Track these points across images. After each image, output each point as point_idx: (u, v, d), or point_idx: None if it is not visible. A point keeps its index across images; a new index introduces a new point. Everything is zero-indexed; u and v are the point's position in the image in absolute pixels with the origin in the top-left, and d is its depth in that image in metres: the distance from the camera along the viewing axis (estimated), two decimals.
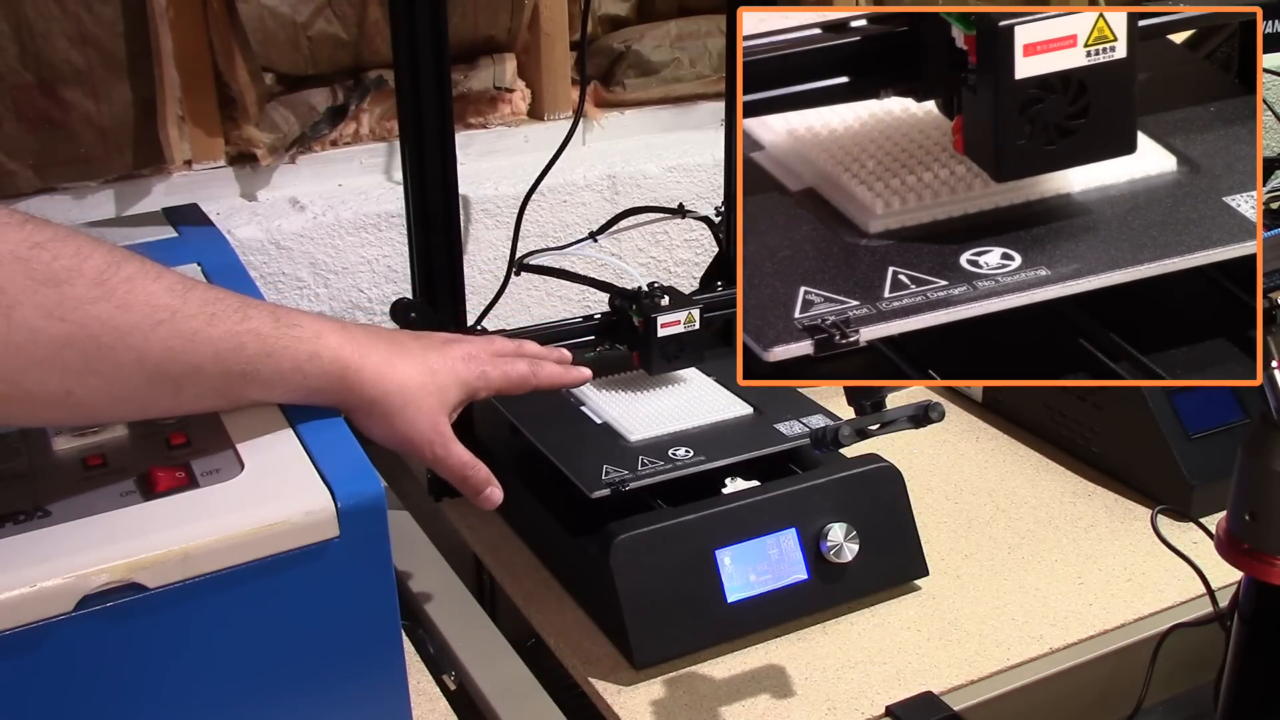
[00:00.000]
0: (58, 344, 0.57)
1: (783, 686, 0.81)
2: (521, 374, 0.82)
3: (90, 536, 0.58)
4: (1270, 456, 0.57)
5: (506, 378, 0.81)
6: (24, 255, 0.56)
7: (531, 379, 0.83)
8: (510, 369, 0.81)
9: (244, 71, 1.12)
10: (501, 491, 0.80)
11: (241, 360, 0.64)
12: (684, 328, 0.96)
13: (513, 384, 0.81)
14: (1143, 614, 0.89)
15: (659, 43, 1.36)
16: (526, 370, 0.82)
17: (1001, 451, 1.12)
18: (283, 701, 0.64)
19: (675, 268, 1.37)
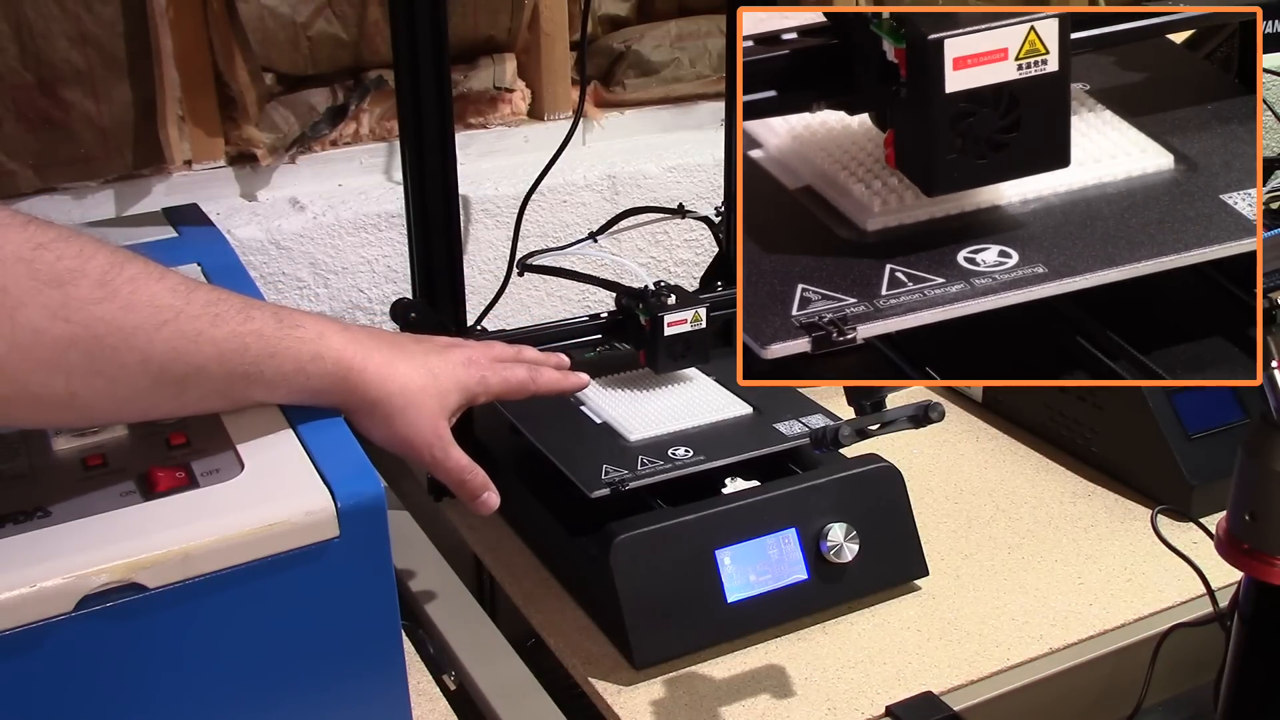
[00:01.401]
0: (62, 345, 0.57)
1: (783, 686, 0.81)
2: (520, 380, 0.82)
3: (90, 536, 0.58)
4: (1270, 456, 0.57)
5: (505, 383, 0.81)
6: (27, 256, 0.56)
7: (530, 385, 0.83)
8: (509, 375, 0.82)
9: (244, 71, 1.12)
10: (498, 497, 0.80)
11: (245, 361, 0.64)
12: (690, 326, 0.97)
13: (511, 389, 0.82)
14: (1143, 614, 0.89)
15: (659, 43, 1.36)
16: (525, 376, 0.83)
17: (1001, 451, 1.12)
18: (283, 701, 0.64)
19: (675, 268, 1.37)
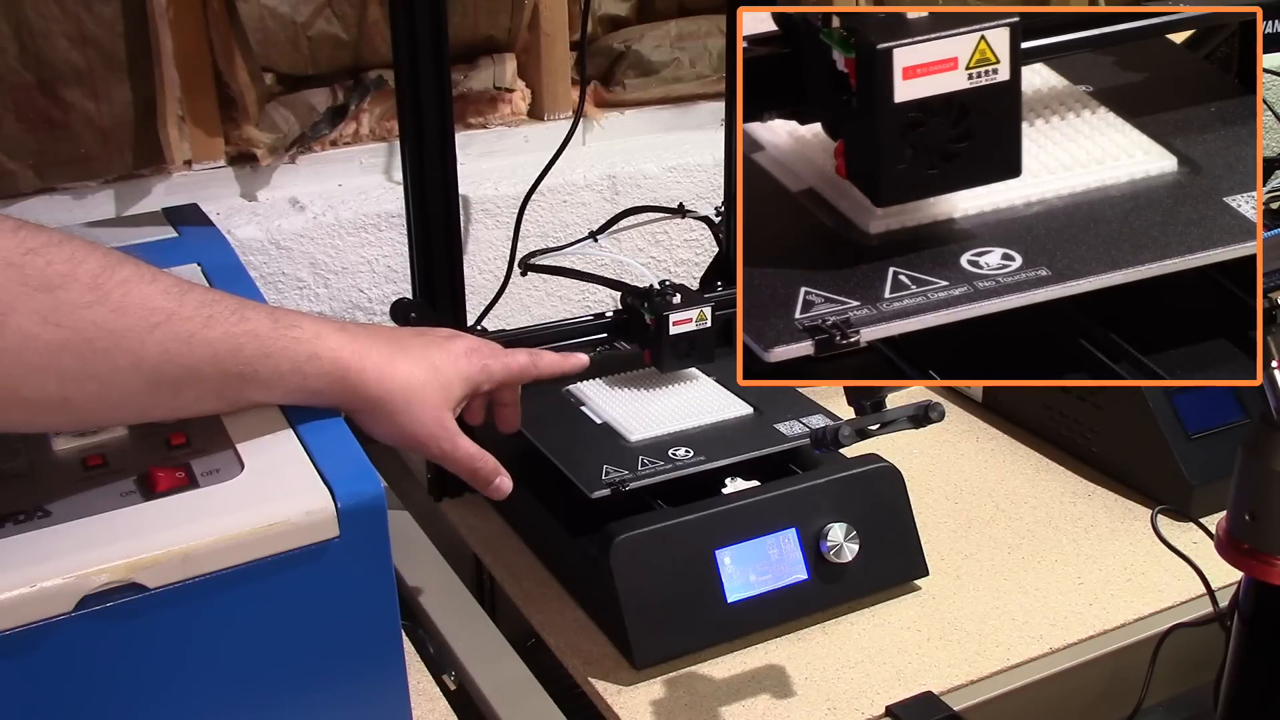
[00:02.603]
0: (53, 349, 0.57)
1: (783, 686, 0.81)
2: (522, 364, 0.83)
3: (90, 536, 0.58)
4: (1270, 456, 0.57)
5: (508, 369, 0.81)
6: (17, 261, 0.55)
7: (532, 368, 0.84)
8: (511, 360, 0.82)
9: (244, 71, 1.12)
10: (510, 480, 0.80)
11: (239, 362, 0.64)
12: (695, 325, 0.97)
13: (514, 375, 0.82)
14: (1143, 614, 0.89)
15: (659, 43, 1.36)
16: (527, 360, 0.83)
17: (1001, 451, 1.12)
18: (283, 701, 0.64)
19: (675, 268, 1.37)
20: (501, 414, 0.88)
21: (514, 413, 0.88)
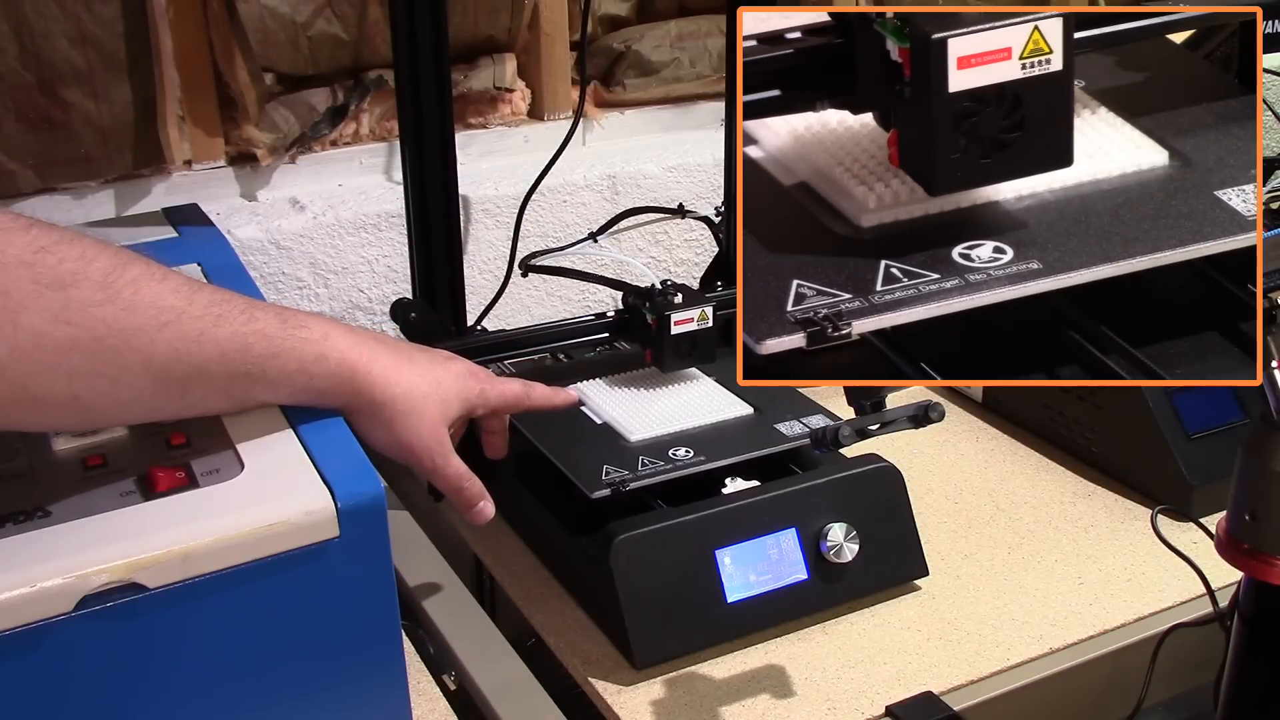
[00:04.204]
0: (64, 348, 0.57)
1: (783, 686, 0.81)
2: (516, 394, 0.85)
3: (90, 536, 0.58)
4: (1270, 456, 0.57)
5: (502, 396, 0.84)
6: (29, 259, 0.56)
7: (525, 399, 0.86)
8: (506, 389, 0.84)
9: (244, 71, 1.12)
10: (493, 507, 0.82)
11: (247, 361, 0.64)
12: (697, 325, 0.97)
13: (508, 403, 0.85)
14: (1143, 614, 0.89)
15: (659, 43, 1.36)
16: (521, 391, 0.86)
17: (1001, 451, 1.12)
18: (283, 701, 0.64)
19: (675, 268, 1.37)
20: (490, 441, 0.90)
21: (502, 440, 0.90)
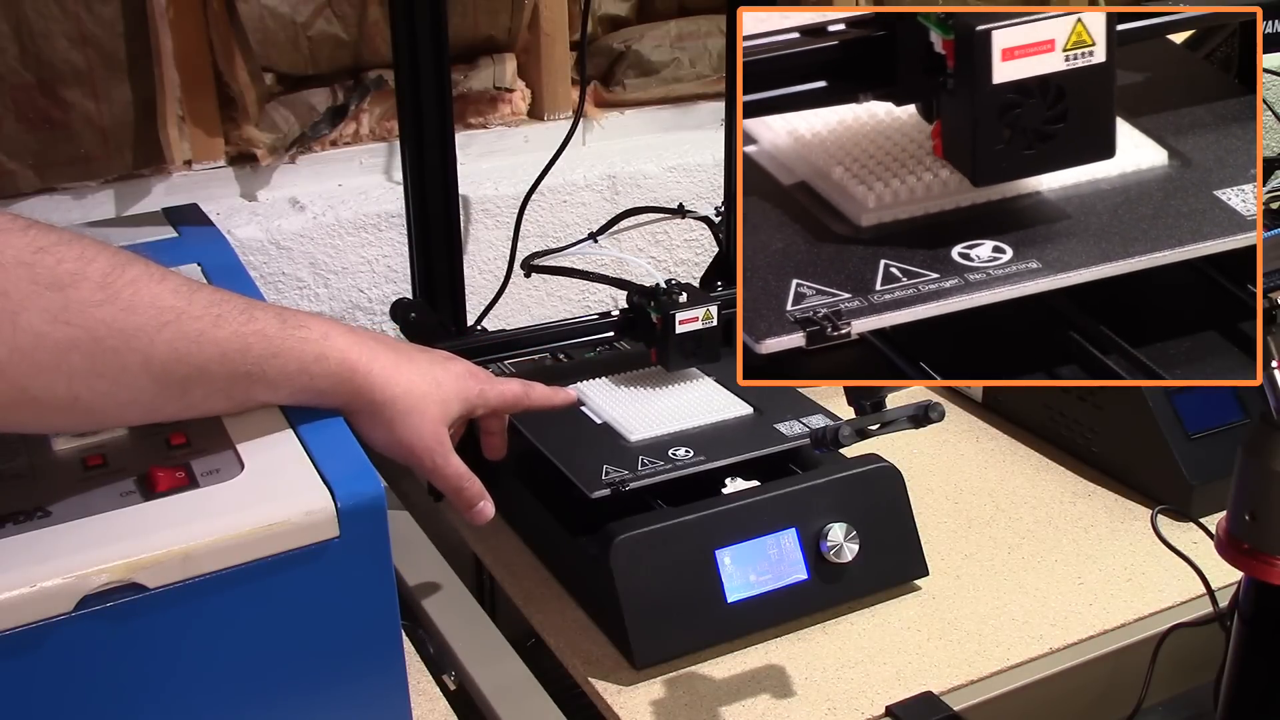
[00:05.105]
0: (63, 348, 0.57)
1: (783, 686, 0.81)
2: (515, 394, 0.85)
3: (90, 536, 0.58)
4: (1270, 456, 0.57)
5: (502, 397, 0.84)
6: (28, 260, 0.56)
7: (525, 399, 0.86)
8: (505, 389, 0.85)
9: (244, 71, 1.12)
10: (493, 507, 0.82)
11: (248, 361, 0.64)
12: (701, 324, 0.97)
13: (507, 403, 0.85)
14: (1143, 614, 0.89)
15: (659, 43, 1.36)
16: (520, 391, 0.86)
17: (1001, 451, 1.12)
18: (283, 701, 0.64)
19: (675, 268, 1.37)
20: (489, 442, 0.90)
21: (501, 441, 0.90)
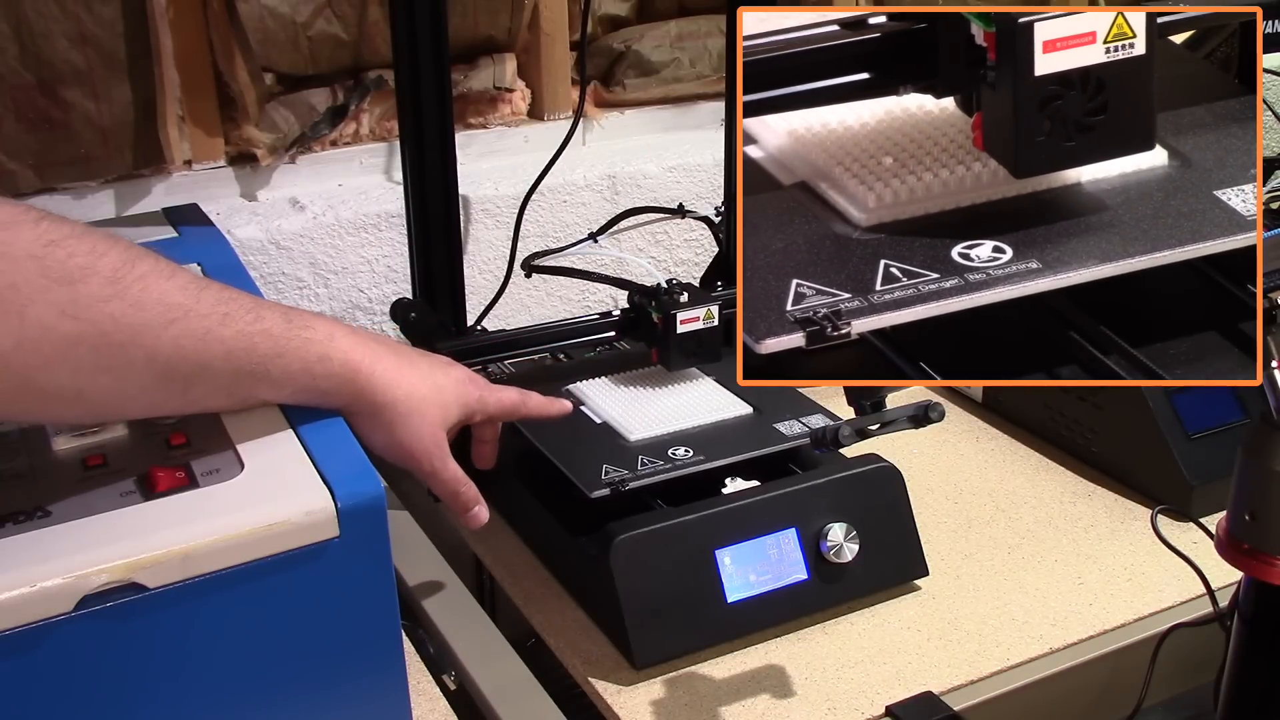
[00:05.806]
0: (70, 342, 0.57)
1: (783, 686, 0.81)
2: (513, 401, 0.86)
3: (90, 536, 0.58)
4: (1270, 456, 0.57)
5: (500, 403, 0.85)
6: (38, 253, 0.56)
7: (522, 407, 0.87)
8: (503, 396, 0.85)
9: (244, 71, 1.12)
10: (488, 512, 0.82)
11: (252, 360, 0.64)
12: (703, 324, 0.97)
13: (505, 410, 0.86)
14: (1143, 614, 0.89)
15: (659, 43, 1.36)
16: (517, 398, 0.87)
17: (1001, 451, 1.12)
18: (283, 701, 0.64)
19: (675, 268, 1.37)
20: (480, 450, 0.90)
21: (492, 450, 0.90)
